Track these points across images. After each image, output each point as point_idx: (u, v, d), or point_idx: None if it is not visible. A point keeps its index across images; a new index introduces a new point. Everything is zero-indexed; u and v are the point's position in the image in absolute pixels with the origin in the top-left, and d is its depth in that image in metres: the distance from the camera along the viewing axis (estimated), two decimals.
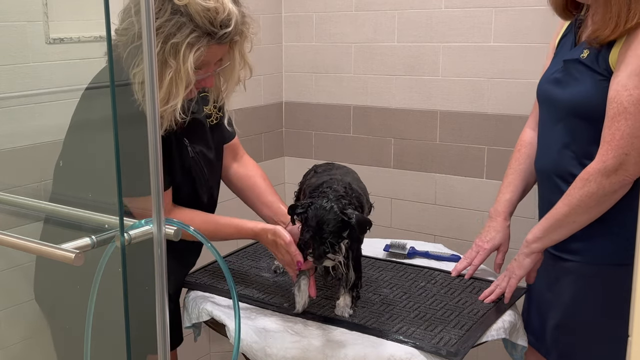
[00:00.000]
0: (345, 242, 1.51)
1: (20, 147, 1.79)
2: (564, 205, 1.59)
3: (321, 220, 1.47)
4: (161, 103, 1.36)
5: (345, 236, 1.49)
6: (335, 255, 1.50)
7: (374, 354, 1.43)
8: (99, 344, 1.13)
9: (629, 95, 1.48)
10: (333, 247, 1.47)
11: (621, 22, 1.49)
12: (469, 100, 2.43)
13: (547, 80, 1.72)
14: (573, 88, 1.62)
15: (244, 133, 2.69)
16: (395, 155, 2.62)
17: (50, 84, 1.82)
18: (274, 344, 1.48)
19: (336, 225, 1.47)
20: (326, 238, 1.47)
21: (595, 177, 1.52)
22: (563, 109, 1.65)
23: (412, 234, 2.53)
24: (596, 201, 1.54)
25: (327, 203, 1.49)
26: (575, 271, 1.67)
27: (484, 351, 1.79)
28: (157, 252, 0.95)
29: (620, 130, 1.49)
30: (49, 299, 1.58)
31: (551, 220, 1.62)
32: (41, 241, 0.94)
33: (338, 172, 1.69)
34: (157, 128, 0.92)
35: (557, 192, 1.67)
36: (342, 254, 1.51)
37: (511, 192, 1.83)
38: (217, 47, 1.42)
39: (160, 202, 0.94)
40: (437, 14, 2.44)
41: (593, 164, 1.54)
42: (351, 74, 2.67)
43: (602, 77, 1.57)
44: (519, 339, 1.66)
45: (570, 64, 1.64)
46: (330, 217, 1.47)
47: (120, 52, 1.35)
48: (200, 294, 1.74)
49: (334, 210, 1.48)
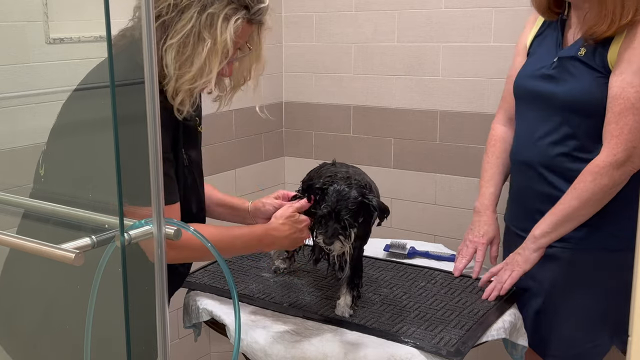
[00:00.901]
0: (355, 229, 1.47)
1: (20, 147, 1.79)
2: (574, 199, 1.63)
3: (342, 197, 1.45)
4: (189, 81, 1.32)
5: (359, 223, 1.48)
6: (346, 240, 1.46)
7: (374, 354, 1.43)
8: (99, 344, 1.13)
9: (636, 92, 1.56)
10: (348, 228, 1.44)
11: (616, 19, 1.57)
12: (469, 100, 2.43)
13: (532, 76, 1.77)
14: (570, 84, 1.67)
15: (244, 133, 2.70)
16: (395, 155, 2.62)
17: (50, 84, 1.82)
18: (274, 344, 1.48)
19: (355, 205, 1.45)
20: (343, 215, 1.44)
21: (607, 171, 1.59)
22: (558, 105, 1.69)
23: (412, 234, 2.53)
24: (607, 193, 1.61)
25: (349, 186, 1.48)
26: (562, 257, 1.71)
27: (484, 351, 1.79)
28: (157, 252, 0.95)
29: (628, 125, 1.57)
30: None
31: (560, 215, 1.65)
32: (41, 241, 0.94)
33: (355, 171, 1.70)
34: (157, 128, 0.92)
35: (542, 182, 1.73)
36: (351, 242, 1.48)
37: (494, 185, 1.89)
38: (247, 26, 1.37)
39: (160, 202, 0.94)
40: (437, 14, 2.44)
41: (602, 157, 1.60)
42: (351, 74, 2.67)
43: (599, 74, 1.63)
44: (519, 339, 1.66)
45: (566, 61, 1.69)
46: (352, 196, 1.46)
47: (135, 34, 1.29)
48: (200, 294, 1.74)
49: (355, 191, 1.47)
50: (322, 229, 1.47)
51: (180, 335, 2.44)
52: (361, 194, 1.48)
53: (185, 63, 1.31)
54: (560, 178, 1.70)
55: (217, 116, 2.50)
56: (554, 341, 1.75)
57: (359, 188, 1.49)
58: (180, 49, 1.30)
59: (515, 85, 1.83)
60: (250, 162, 2.74)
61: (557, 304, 1.74)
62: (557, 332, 1.75)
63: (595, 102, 1.63)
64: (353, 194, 1.47)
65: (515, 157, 1.84)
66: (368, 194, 1.50)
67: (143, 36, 0.90)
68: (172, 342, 2.34)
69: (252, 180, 2.75)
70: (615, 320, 1.73)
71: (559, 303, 1.74)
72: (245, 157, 2.71)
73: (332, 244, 1.46)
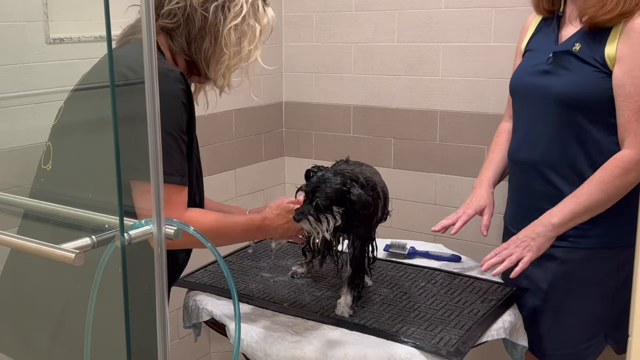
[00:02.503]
0: (332, 218, 1.49)
1: (20, 147, 1.79)
2: (601, 192, 1.62)
3: (322, 180, 1.49)
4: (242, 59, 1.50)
5: (338, 211, 1.49)
6: (316, 222, 1.48)
7: (374, 354, 1.43)
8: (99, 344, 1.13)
9: None
10: (318, 209, 1.47)
11: (620, 3, 1.57)
12: (469, 100, 2.43)
13: (529, 72, 1.78)
14: (567, 78, 1.68)
15: (244, 133, 2.70)
16: (395, 155, 2.62)
17: (50, 84, 1.82)
18: (274, 344, 1.48)
19: (333, 191, 1.48)
20: (317, 197, 1.48)
21: (636, 167, 1.59)
22: (556, 99, 1.69)
23: (412, 234, 2.53)
24: (629, 189, 1.62)
25: (335, 174, 1.51)
26: (559, 256, 1.71)
27: (484, 351, 1.79)
28: (157, 252, 0.95)
29: None
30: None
31: (582, 206, 1.63)
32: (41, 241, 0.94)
33: (368, 169, 1.71)
34: (157, 128, 0.92)
35: (541, 181, 1.73)
36: (326, 228, 1.50)
37: (494, 168, 1.90)
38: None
39: (160, 201, 0.94)
40: (437, 14, 2.44)
41: (630, 154, 1.60)
42: (351, 74, 2.67)
43: (595, 68, 1.63)
44: (519, 339, 1.66)
45: (561, 56, 1.70)
46: (331, 183, 1.49)
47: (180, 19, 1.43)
48: (200, 294, 1.74)
49: (338, 180, 1.50)
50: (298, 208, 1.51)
51: (180, 335, 2.44)
52: (343, 183, 1.50)
53: (240, 43, 1.48)
54: (559, 176, 1.70)
55: (217, 116, 2.51)
56: (550, 341, 1.75)
57: (343, 178, 1.51)
58: (239, 29, 1.47)
59: (512, 83, 1.84)
60: (250, 162, 2.74)
61: (553, 304, 1.75)
62: (554, 332, 1.75)
63: (592, 95, 1.63)
64: (334, 181, 1.50)
65: (514, 156, 1.84)
66: (351, 185, 1.51)
67: (143, 36, 0.90)
68: (172, 342, 2.34)
69: (252, 180, 2.75)
70: (610, 319, 1.73)
71: (555, 303, 1.74)
72: (245, 157, 2.71)
73: (300, 222, 1.49)
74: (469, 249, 2.34)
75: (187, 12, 1.43)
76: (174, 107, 1.35)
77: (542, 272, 1.74)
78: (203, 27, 1.44)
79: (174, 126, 1.34)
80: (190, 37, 1.45)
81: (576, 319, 1.74)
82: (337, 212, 1.49)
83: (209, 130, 2.49)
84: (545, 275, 1.74)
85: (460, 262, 1.99)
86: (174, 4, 1.43)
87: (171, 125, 1.33)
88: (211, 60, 1.47)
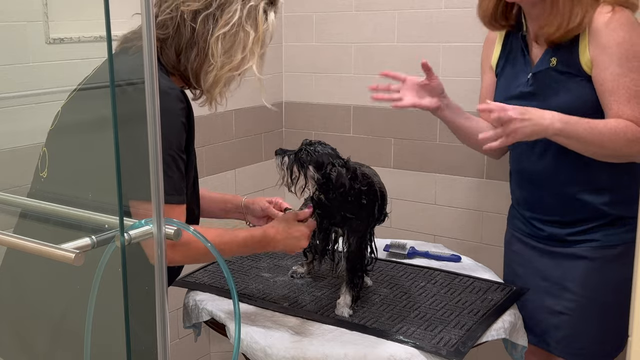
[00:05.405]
0: (304, 178, 1.55)
1: (20, 147, 1.79)
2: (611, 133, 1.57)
3: (319, 144, 1.58)
4: (233, 69, 1.44)
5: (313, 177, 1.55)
6: (289, 167, 1.56)
7: (374, 354, 1.43)
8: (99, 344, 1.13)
9: (632, 80, 1.58)
10: (298, 159, 1.55)
11: (564, 22, 1.60)
12: (469, 100, 2.43)
13: (512, 96, 1.75)
14: (558, 97, 1.67)
15: (244, 133, 2.70)
16: (395, 155, 2.62)
17: (50, 84, 1.82)
18: (274, 344, 1.48)
19: (319, 156, 1.55)
20: (303, 152, 1.56)
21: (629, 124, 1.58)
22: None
23: (412, 234, 2.53)
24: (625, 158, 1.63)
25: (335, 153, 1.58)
26: (588, 256, 1.72)
27: (484, 351, 1.79)
28: (157, 252, 0.95)
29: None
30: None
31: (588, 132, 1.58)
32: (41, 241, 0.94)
33: (368, 170, 1.72)
34: (157, 128, 0.92)
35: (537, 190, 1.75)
36: (294, 182, 1.57)
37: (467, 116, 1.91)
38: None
39: (160, 201, 0.94)
40: (437, 14, 2.44)
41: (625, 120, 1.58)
42: (351, 74, 2.67)
43: (581, 78, 1.64)
44: (519, 339, 1.66)
45: (541, 75, 1.70)
46: (324, 152, 1.56)
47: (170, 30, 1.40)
48: (200, 294, 1.74)
49: (332, 153, 1.57)
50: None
51: (180, 335, 2.44)
52: (333, 157, 1.56)
53: (229, 52, 1.43)
54: (568, 186, 1.71)
55: (217, 116, 2.51)
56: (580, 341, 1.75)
57: (337, 157, 1.57)
58: (227, 38, 1.42)
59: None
60: (250, 162, 2.73)
61: (584, 304, 1.74)
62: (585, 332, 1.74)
63: (588, 104, 1.63)
64: (327, 151, 1.57)
65: (518, 168, 1.84)
66: (338, 164, 1.54)
67: (143, 36, 0.90)
68: (172, 342, 2.34)
69: (252, 180, 2.75)
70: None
71: (585, 302, 1.74)
72: (245, 157, 2.71)
73: (277, 157, 1.60)
74: (469, 249, 2.35)
75: (176, 22, 1.40)
76: (174, 127, 1.34)
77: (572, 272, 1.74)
78: (191, 38, 1.41)
79: (173, 146, 1.34)
80: (179, 49, 1.42)
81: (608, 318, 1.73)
82: (311, 177, 1.54)
83: (209, 130, 2.49)
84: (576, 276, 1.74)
85: (460, 262, 1.99)
86: (165, 15, 1.41)
87: (170, 146, 1.33)
88: (199, 71, 1.43)
